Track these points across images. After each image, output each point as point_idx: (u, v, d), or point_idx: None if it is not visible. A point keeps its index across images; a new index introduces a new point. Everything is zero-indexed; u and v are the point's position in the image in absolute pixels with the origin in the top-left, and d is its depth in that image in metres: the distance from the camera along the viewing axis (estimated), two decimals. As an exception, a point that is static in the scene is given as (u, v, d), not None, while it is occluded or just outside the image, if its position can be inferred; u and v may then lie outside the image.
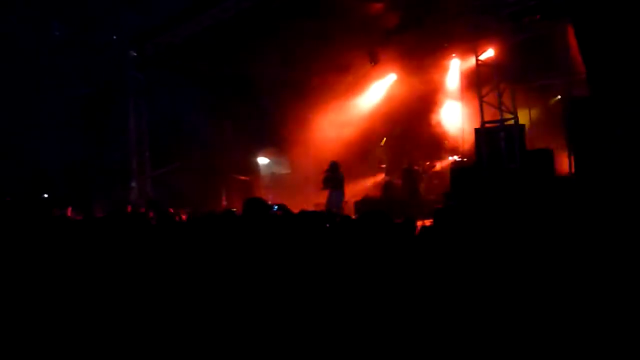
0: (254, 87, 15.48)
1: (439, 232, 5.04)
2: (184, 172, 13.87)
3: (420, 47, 14.53)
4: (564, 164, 11.87)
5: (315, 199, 14.56)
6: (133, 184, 13.39)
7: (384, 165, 15.67)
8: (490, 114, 12.31)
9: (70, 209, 9.06)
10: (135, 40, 13.96)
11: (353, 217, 14.17)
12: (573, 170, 11.07)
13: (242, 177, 14.28)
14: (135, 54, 14.00)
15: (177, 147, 13.96)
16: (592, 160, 9.52)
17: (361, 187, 15.54)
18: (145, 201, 12.11)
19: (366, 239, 4.38)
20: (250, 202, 5.34)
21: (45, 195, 11.90)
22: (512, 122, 11.90)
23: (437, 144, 15.36)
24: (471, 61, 13.39)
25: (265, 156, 16.98)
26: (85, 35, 13.50)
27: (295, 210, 6.47)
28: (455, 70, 15.03)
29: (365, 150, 16.40)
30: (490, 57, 12.83)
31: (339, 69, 15.38)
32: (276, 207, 7.11)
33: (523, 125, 12.17)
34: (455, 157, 14.15)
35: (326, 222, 5.61)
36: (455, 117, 14.45)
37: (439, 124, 14.86)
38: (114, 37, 13.88)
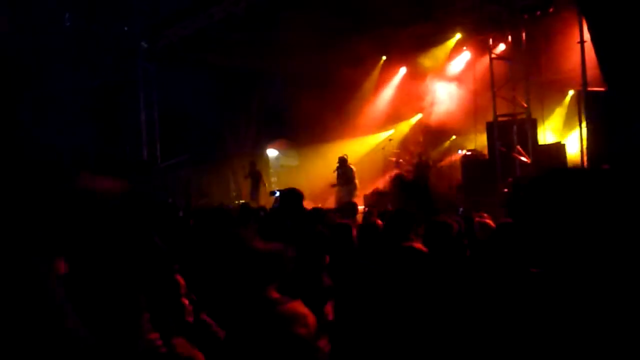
0: (265, 79, 15.45)
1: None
2: (194, 163, 13.88)
3: (431, 40, 14.59)
4: (576, 158, 11.82)
5: (323, 194, 14.50)
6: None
7: (394, 159, 15.61)
8: (503, 108, 12.33)
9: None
10: (147, 32, 13.93)
11: (361, 208, 14.19)
12: (585, 165, 11.03)
13: (250, 168, 14.20)
14: (146, 46, 13.97)
15: (187, 139, 13.96)
16: (606, 155, 9.45)
17: (371, 181, 15.45)
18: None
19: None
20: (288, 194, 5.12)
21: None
22: (524, 116, 11.89)
23: (447, 137, 15.31)
24: (484, 54, 13.43)
25: (275, 148, 16.96)
26: (96, 26, 13.47)
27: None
28: (467, 63, 14.95)
29: (376, 143, 16.35)
30: (503, 51, 12.87)
31: (350, 62, 15.33)
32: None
33: (535, 120, 12.23)
34: (465, 151, 14.08)
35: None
36: (467, 111, 14.35)
37: (450, 117, 14.76)
38: (125, 29, 13.85)
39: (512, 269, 3.30)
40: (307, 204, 6.10)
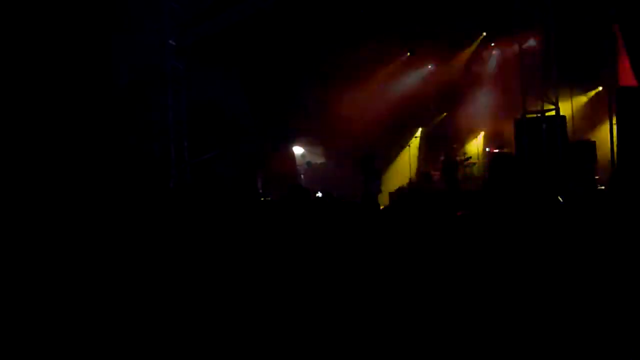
0: (292, 76, 15.50)
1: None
2: (222, 159, 13.95)
3: (458, 36, 14.53)
4: (606, 156, 11.57)
5: (350, 190, 14.46)
6: (173, 172, 13.44)
7: (421, 157, 15.52)
8: (532, 104, 12.08)
9: None
10: (175, 29, 14.02)
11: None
12: (616, 162, 10.85)
13: (281, 165, 14.38)
14: (174, 44, 14.05)
15: (215, 135, 14.04)
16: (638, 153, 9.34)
17: (397, 178, 15.40)
18: None
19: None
20: (293, 189, 5.22)
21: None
22: (553, 112, 11.69)
23: (474, 134, 15.16)
24: (512, 50, 13.36)
25: (301, 145, 16.96)
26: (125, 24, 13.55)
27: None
28: (496, 59, 14.81)
29: (402, 140, 16.31)
30: (532, 46, 12.66)
31: (378, 59, 15.39)
32: (320, 193, 6.95)
33: (564, 117, 11.93)
34: (493, 148, 13.95)
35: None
36: (494, 107, 14.27)
37: (477, 114, 14.60)
38: (154, 27, 13.91)
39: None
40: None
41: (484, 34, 14.52)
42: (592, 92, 13.67)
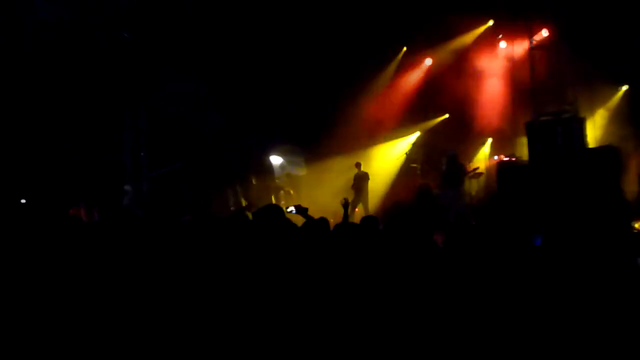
0: (267, 81, 14.36)
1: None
2: (187, 173, 13.04)
3: (461, 27, 13.45)
4: (632, 163, 10.52)
5: (333, 203, 13.16)
6: (127, 187, 12.21)
7: (417, 166, 14.13)
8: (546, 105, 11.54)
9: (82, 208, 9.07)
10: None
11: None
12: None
13: (258, 181, 13.79)
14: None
15: (179, 147, 13.12)
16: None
17: (391, 192, 14.11)
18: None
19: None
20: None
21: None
22: (570, 114, 11.05)
23: (478, 140, 13.99)
24: (522, 43, 12.56)
25: (279, 155, 15.79)
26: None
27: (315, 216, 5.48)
28: (503, 54, 13.68)
29: (396, 148, 15.04)
30: (546, 38, 11.98)
31: (366, 54, 14.22)
32: (293, 209, 6.01)
33: (583, 118, 11.18)
34: (501, 157, 12.77)
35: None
36: (503, 110, 13.17)
37: (483, 117, 13.42)
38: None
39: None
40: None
41: (491, 22, 13.33)
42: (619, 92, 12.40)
